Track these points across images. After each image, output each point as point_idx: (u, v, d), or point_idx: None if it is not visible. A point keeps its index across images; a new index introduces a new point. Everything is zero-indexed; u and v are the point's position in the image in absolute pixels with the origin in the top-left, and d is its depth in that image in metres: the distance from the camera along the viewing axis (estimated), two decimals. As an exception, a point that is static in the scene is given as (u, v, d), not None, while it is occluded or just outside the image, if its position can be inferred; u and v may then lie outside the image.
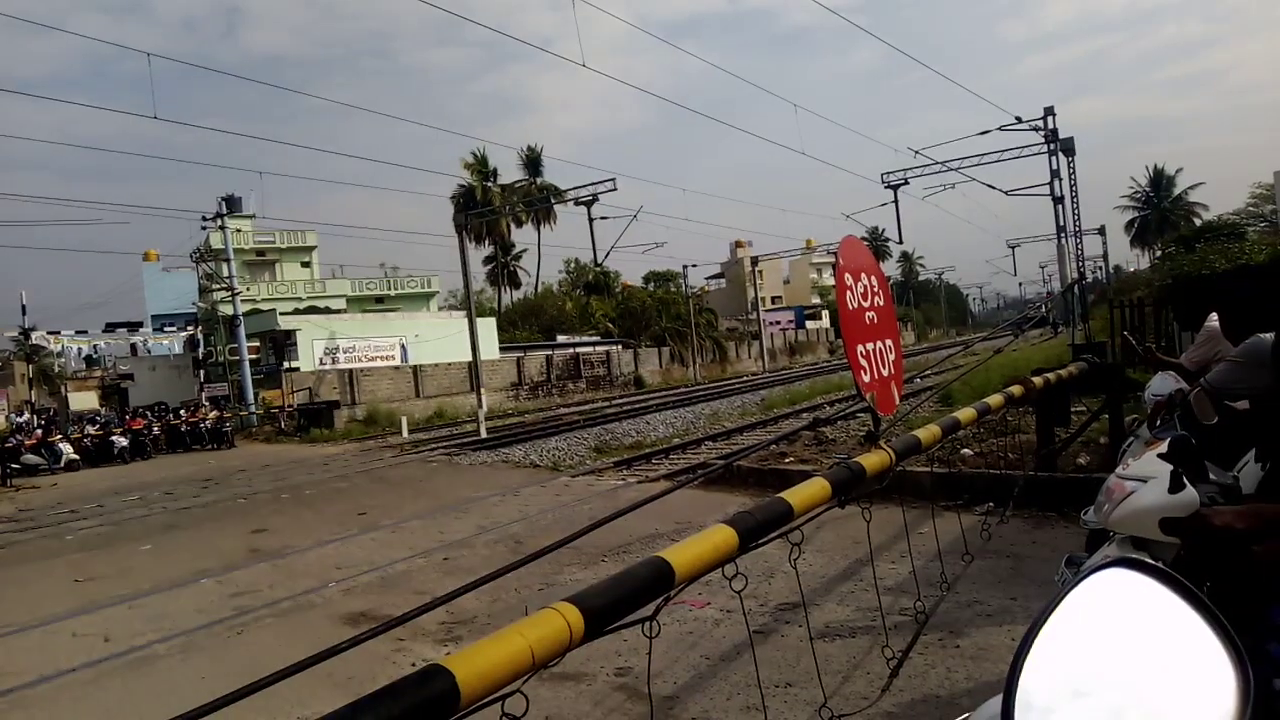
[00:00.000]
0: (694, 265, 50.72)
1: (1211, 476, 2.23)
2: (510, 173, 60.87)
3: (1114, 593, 0.64)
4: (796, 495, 2.63)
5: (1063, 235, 24.24)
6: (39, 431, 23.93)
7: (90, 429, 25.05)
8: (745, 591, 4.96)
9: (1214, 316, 4.63)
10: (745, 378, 42.70)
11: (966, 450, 9.60)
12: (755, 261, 52.39)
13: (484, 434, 21.19)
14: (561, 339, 46.39)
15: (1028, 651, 0.61)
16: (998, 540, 6.43)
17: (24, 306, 32.20)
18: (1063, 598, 0.64)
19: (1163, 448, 2.19)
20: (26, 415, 29.58)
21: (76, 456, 23.20)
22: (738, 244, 73.35)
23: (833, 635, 4.94)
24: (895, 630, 4.68)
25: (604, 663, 4.78)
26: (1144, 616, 0.62)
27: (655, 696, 4.30)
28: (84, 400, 35.35)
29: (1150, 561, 0.66)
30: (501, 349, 39.54)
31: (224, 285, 31.19)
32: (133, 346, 39.87)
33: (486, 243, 60.67)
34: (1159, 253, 46.60)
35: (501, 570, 2.18)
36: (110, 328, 37.85)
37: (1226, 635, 0.62)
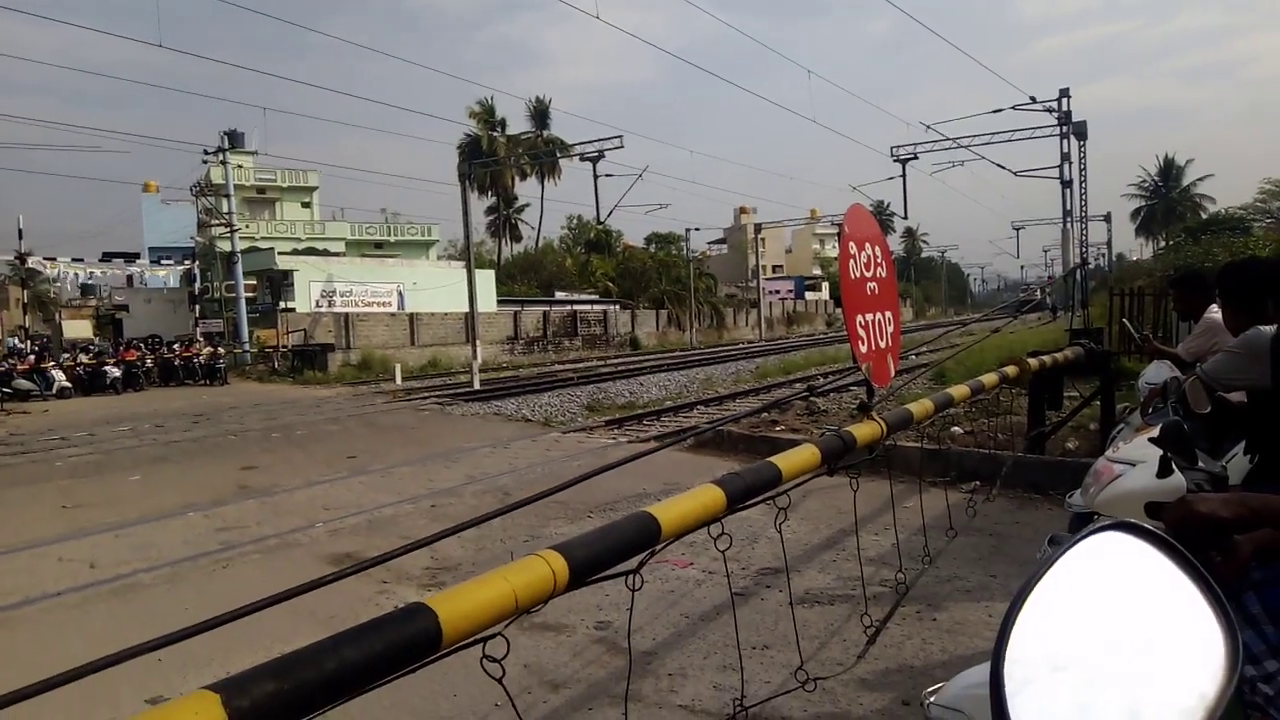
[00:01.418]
0: (696, 229, 50.65)
1: (1200, 464, 2.24)
2: (517, 123, 60.31)
3: (1109, 555, 0.63)
4: (786, 460, 2.64)
5: (1068, 219, 24.17)
6: (32, 357, 23.90)
7: (83, 357, 25.03)
8: (728, 554, 5.00)
9: (1214, 309, 4.63)
10: (741, 345, 42.72)
11: (957, 428, 9.64)
12: (759, 229, 52.15)
13: (477, 385, 21.23)
14: (560, 295, 46.27)
15: (1018, 613, 0.61)
16: (982, 518, 6.49)
17: (20, 230, 31.82)
18: (1058, 558, 0.64)
19: (1154, 432, 2.19)
20: (20, 340, 29.49)
21: (69, 384, 23.23)
22: (742, 210, 72.93)
23: (812, 602, 4.99)
24: (875, 600, 4.73)
25: (585, 615, 4.83)
26: (1137, 580, 0.62)
27: (634, 650, 4.35)
28: (78, 328, 35.21)
29: (1146, 525, 0.66)
30: (499, 302, 39.45)
31: (223, 221, 30.98)
32: (129, 277, 39.59)
33: (490, 194, 60.26)
34: (1163, 243, 46.47)
35: (487, 515, 2.17)
36: (107, 257, 37.49)
37: (1217, 601, 0.62)
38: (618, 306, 45.58)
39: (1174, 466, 2.04)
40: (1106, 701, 0.55)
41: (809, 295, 70.26)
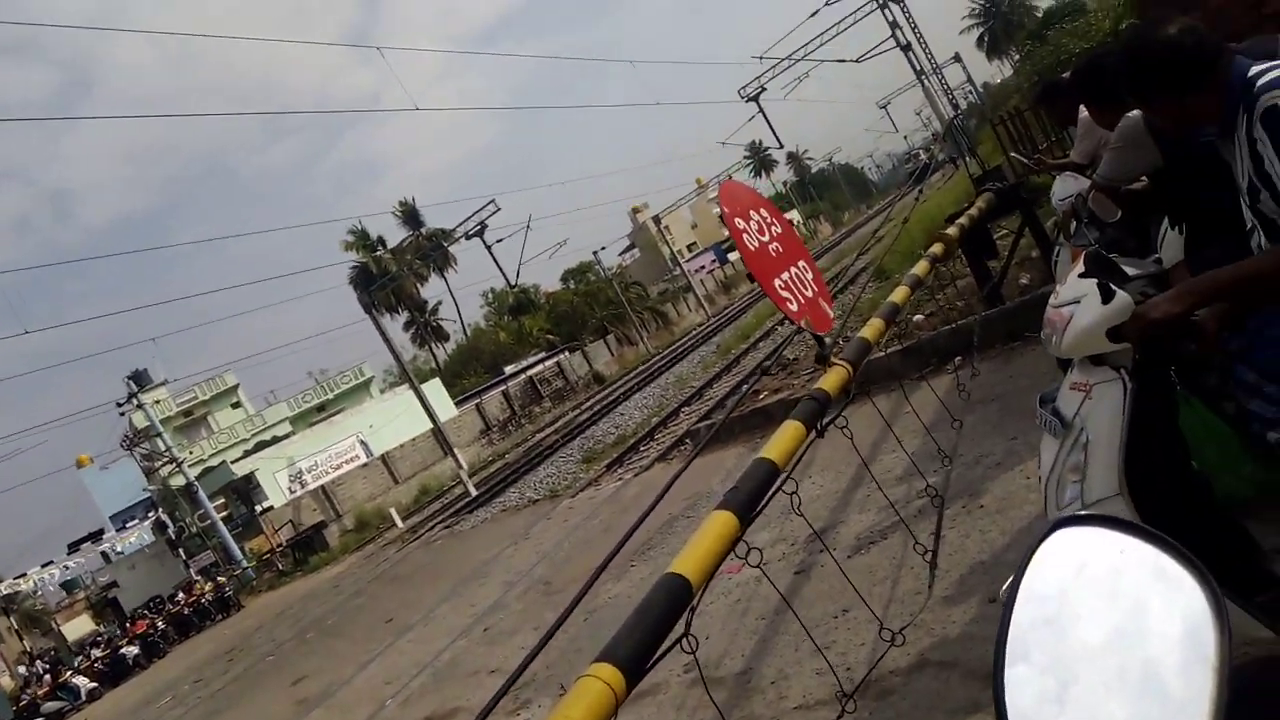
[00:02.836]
0: (602, 248, 50.79)
1: (1134, 272, 2.26)
2: (394, 234, 60.11)
3: (1068, 555, 0.61)
4: (775, 449, 2.62)
5: (923, 78, 24.69)
6: (48, 677, 23.20)
7: (96, 652, 24.38)
8: (775, 537, 4.97)
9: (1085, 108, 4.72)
10: (694, 332, 42.83)
11: (917, 316, 9.72)
12: (658, 220, 52.51)
13: (474, 491, 20.99)
14: (509, 369, 46.02)
15: (1009, 626, 0.59)
16: (978, 389, 6.52)
17: (-19, 565, 31.00)
18: (1026, 565, 0.62)
19: (1081, 266, 2.21)
20: (29, 665, 28.61)
21: (95, 684, 22.59)
22: (635, 210, 73.45)
23: (866, 545, 4.99)
24: (921, 515, 4.74)
25: (671, 666, 4.73)
26: (1102, 570, 0.60)
27: (729, 675, 4.32)
28: (79, 626, 34.33)
29: (1094, 514, 0.64)
30: (457, 402, 39.16)
31: (166, 459, 30.38)
32: (104, 554, 38.63)
33: (400, 309, 59.95)
34: (1016, 57, 47.61)
35: (542, 642, 2.13)
36: (74, 546, 36.59)
37: (1189, 563, 0.60)
38: (567, 353, 45.48)
39: (1113, 288, 2.06)
40: (1103, 699, 0.53)
41: (732, 256, 70.63)
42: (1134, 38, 2.20)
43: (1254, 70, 1.91)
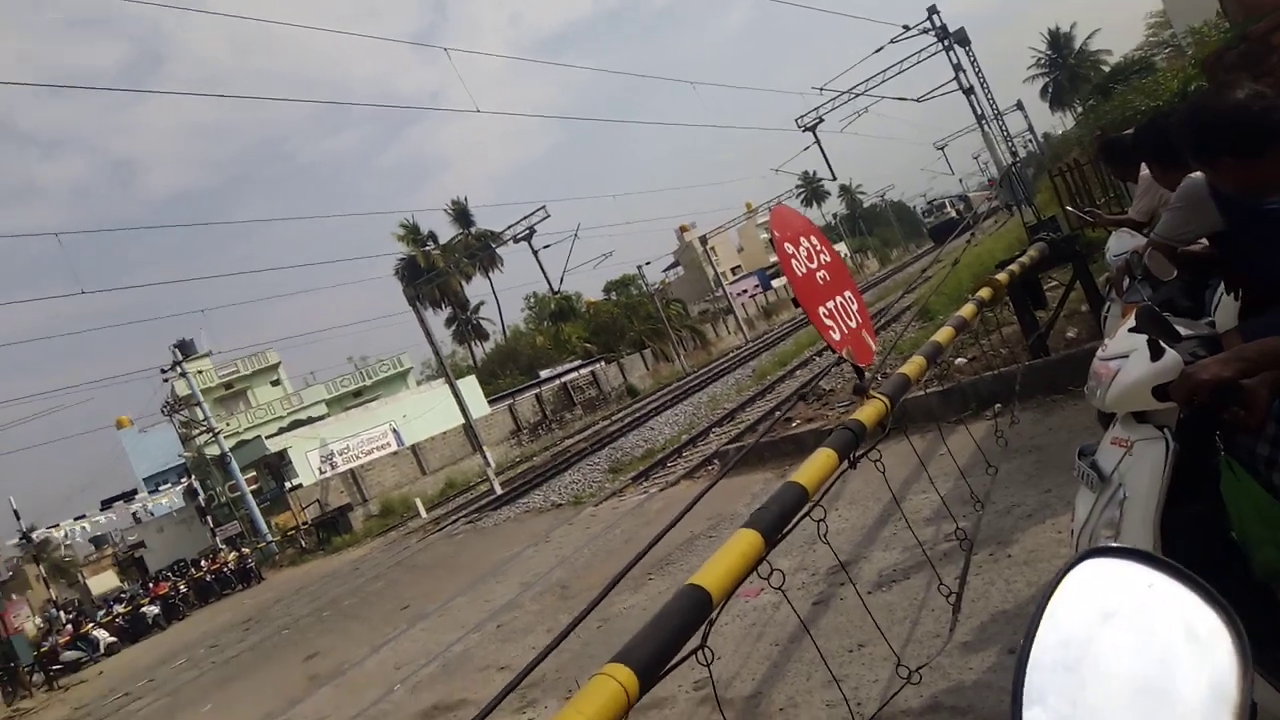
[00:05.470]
0: (647, 263, 50.81)
1: (1186, 332, 2.25)
2: (444, 230, 60.88)
3: (1095, 585, 0.63)
4: (806, 474, 2.63)
5: (983, 123, 24.52)
6: (69, 626, 23.69)
7: (118, 608, 24.84)
8: (796, 565, 4.96)
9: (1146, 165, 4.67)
10: (731, 354, 42.74)
11: (959, 359, 9.64)
12: (705, 240, 52.51)
13: (499, 490, 21.13)
14: (545, 373, 46.27)
15: (1028, 658, 0.61)
16: (1016, 437, 6.46)
17: (16, 511, 31.77)
18: (1049, 597, 0.64)
19: (1132, 321, 2.20)
20: (54, 613, 29.27)
21: (114, 639, 23.02)
22: (682, 229, 73.51)
23: (888, 583, 4.95)
24: (946, 559, 4.70)
25: (680, 681, 4.75)
26: (1128, 603, 0.61)
27: (739, 698, 4.31)
28: (104, 581, 35.03)
29: (1124, 546, 0.66)
30: (490, 401, 39.43)
31: (203, 428, 30.97)
32: (134, 515, 39.46)
33: (443, 305, 60.60)
34: (1080, 109, 47.07)
35: (558, 639, 2.15)
36: (106, 504, 37.44)
37: (1218, 604, 0.61)
38: (603, 363, 45.62)
39: (1164, 346, 2.05)
40: None
41: (775, 283, 70.43)
42: (1200, 100, 2.19)
43: None
